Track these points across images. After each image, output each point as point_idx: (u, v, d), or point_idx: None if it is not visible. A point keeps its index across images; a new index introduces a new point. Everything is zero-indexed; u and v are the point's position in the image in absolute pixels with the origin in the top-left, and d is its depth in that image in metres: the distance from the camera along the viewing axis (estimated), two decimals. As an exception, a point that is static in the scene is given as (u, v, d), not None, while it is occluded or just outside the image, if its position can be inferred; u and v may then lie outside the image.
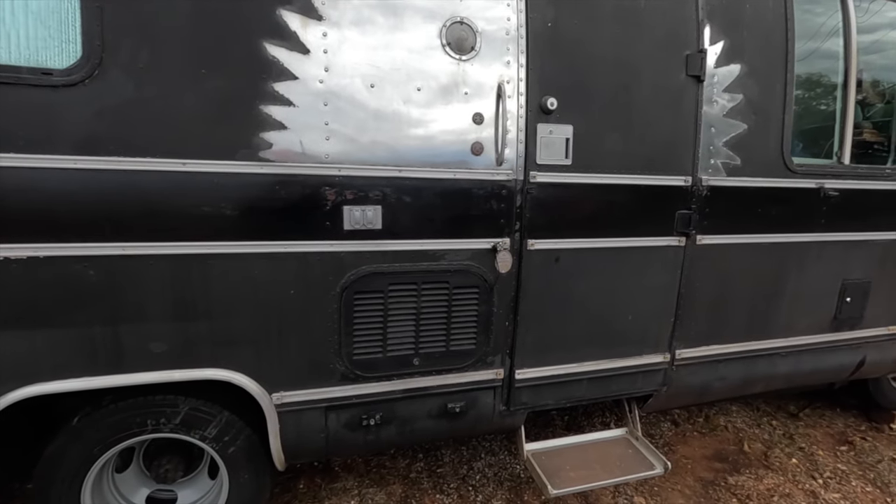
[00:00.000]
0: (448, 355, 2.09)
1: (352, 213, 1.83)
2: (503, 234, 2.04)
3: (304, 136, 1.75)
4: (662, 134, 2.20)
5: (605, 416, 3.47)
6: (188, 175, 1.65)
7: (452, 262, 2.00)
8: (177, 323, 1.74)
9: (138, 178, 1.61)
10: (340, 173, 1.80)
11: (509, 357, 2.19)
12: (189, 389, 1.89)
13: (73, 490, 1.87)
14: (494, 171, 1.98)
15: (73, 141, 1.55)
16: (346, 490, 2.64)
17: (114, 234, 1.62)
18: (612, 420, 3.42)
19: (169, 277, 1.70)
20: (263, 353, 1.86)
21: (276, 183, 1.74)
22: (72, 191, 1.57)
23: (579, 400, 2.39)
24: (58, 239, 1.58)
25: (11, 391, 1.63)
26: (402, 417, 2.10)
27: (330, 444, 2.04)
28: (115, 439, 1.86)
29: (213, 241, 1.71)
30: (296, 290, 1.84)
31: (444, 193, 1.94)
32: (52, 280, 1.60)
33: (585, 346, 2.29)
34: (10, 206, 1.52)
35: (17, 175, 1.51)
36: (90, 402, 1.85)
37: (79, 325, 1.65)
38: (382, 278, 1.93)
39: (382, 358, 2.00)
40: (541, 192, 2.05)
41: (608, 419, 3.44)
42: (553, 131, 2.03)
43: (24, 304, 1.59)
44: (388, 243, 1.90)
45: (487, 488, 2.72)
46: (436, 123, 1.90)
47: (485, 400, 2.21)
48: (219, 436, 1.96)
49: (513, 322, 2.15)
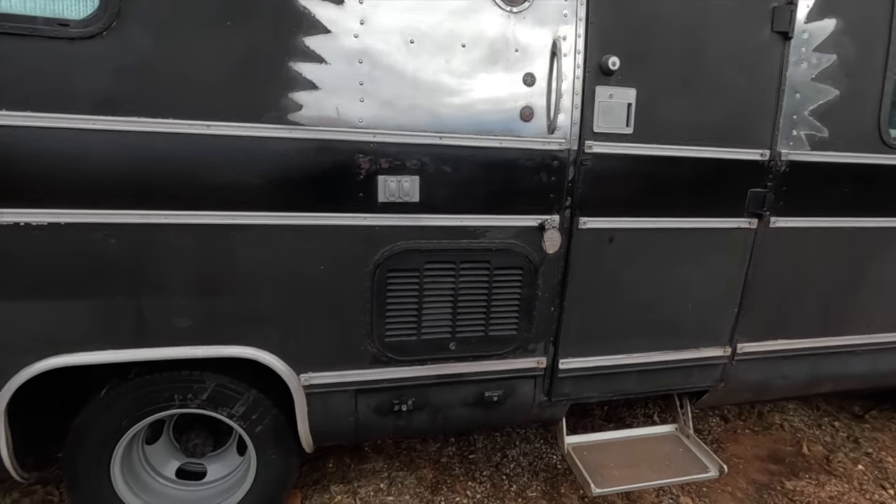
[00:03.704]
0: (487, 341, 1.93)
1: (387, 183, 1.67)
2: (552, 211, 1.84)
3: (337, 98, 1.59)
4: (738, 100, 1.93)
5: (647, 408, 3.26)
6: (212, 138, 1.53)
7: (494, 241, 1.82)
8: (201, 297, 1.65)
9: (160, 141, 1.50)
10: (375, 139, 1.64)
11: (553, 345, 2.02)
12: (216, 366, 1.82)
13: (102, 461, 1.84)
14: (545, 140, 1.77)
15: (91, 99, 1.44)
16: (375, 472, 2.57)
17: (134, 202, 1.52)
18: (655, 412, 3.22)
19: (192, 249, 1.60)
20: (291, 332, 1.75)
21: (305, 149, 1.60)
22: (90, 153, 1.47)
23: (626, 394, 2.21)
24: (78, 205, 1.49)
25: (37, 362, 1.58)
26: (436, 404, 1.98)
27: (359, 428, 1.94)
28: (142, 413, 1.81)
29: (237, 212, 1.60)
30: (326, 267, 1.71)
31: (488, 164, 1.75)
32: (74, 248, 1.52)
33: (636, 335, 2.09)
34: (27, 168, 1.44)
35: (33, 135, 1.42)
36: (117, 375, 1.81)
37: (102, 296, 1.58)
38: (418, 256, 1.77)
39: (416, 341, 1.87)
40: (596, 164, 1.83)
41: (651, 411, 3.24)
42: (613, 95, 1.79)
43: (46, 273, 1.52)
44: (425, 218, 1.74)
45: (522, 478, 2.59)
46: (481, 85, 1.70)
47: (524, 389, 2.06)
48: (246, 414, 1.89)
49: (558, 307, 1.97)
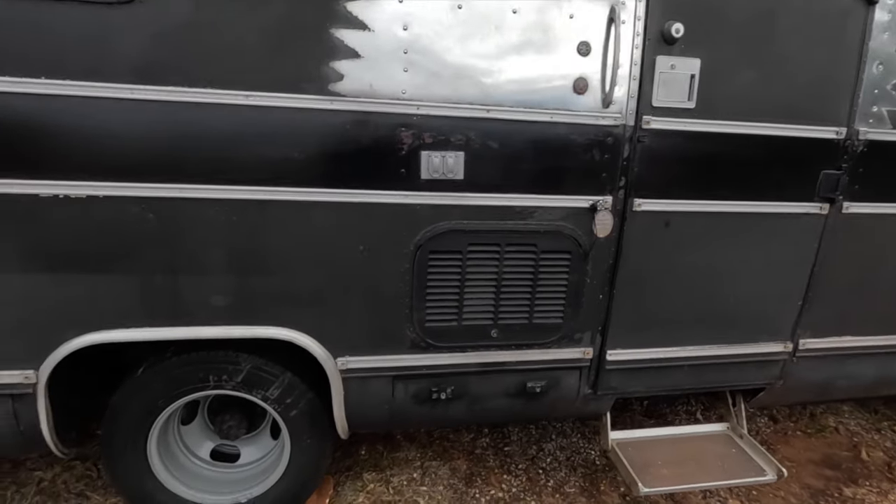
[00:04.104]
0: (531, 329, 1.83)
1: (430, 159, 1.58)
2: (605, 192, 1.72)
3: (380, 68, 1.50)
4: (813, 72, 1.76)
5: (689, 406, 3.10)
6: (251, 109, 1.46)
7: (542, 222, 1.71)
8: (238, 276, 1.60)
9: (199, 112, 1.44)
10: (419, 112, 1.55)
11: (600, 335, 1.90)
12: (252, 347, 1.77)
13: (139, 439, 1.82)
14: (600, 114, 1.65)
15: (130, 68, 1.39)
16: (408, 461, 2.51)
17: (172, 175, 1.47)
18: (698, 410, 3.06)
19: (229, 225, 1.54)
20: (328, 314, 1.69)
21: (346, 122, 1.52)
22: (128, 123, 1.42)
23: (676, 389, 2.07)
24: (115, 177, 1.45)
25: (75, 338, 1.56)
26: (475, 394, 1.89)
27: (395, 415, 1.87)
28: (178, 393, 1.79)
29: (275, 187, 1.53)
30: (365, 246, 1.63)
31: (538, 140, 1.64)
32: (112, 222, 1.48)
33: (690, 327, 1.96)
34: (65, 139, 1.40)
35: (71, 105, 1.38)
36: (154, 354, 1.78)
37: (139, 273, 1.54)
38: (462, 237, 1.68)
39: (457, 327, 1.78)
40: (654, 140, 1.70)
41: (693, 408, 3.08)
42: (675, 66, 1.65)
43: (84, 247, 1.49)
44: (469, 196, 1.64)
45: (559, 473, 2.49)
46: (533, 55, 1.58)
47: (568, 381, 1.95)
48: (281, 397, 1.84)
49: (608, 295, 1.85)
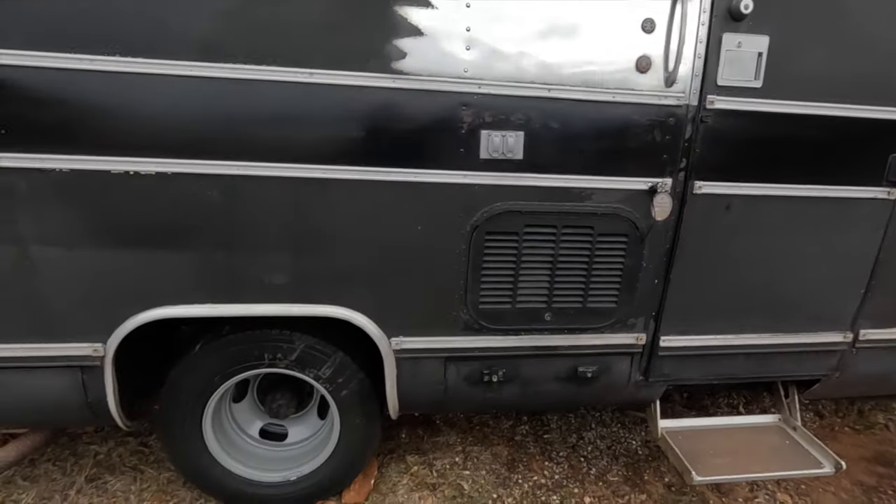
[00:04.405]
0: (584, 313, 1.81)
1: (490, 138, 1.57)
2: (664, 174, 1.68)
3: (443, 45, 1.49)
4: (884, 51, 1.68)
5: (731, 398, 3.04)
6: (315, 88, 1.47)
7: (600, 204, 1.69)
8: (297, 254, 1.61)
9: (263, 90, 1.45)
10: (480, 90, 1.53)
11: (654, 321, 1.87)
12: (305, 327, 1.79)
13: (195, 415, 1.87)
14: (662, 94, 1.61)
15: (196, 45, 1.41)
16: (449, 445, 2.52)
17: (235, 152, 1.49)
18: (740, 403, 3.00)
19: (289, 203, 1.56)
20: (384, 294, 1.70)
21: (408, 100, 1.51)
22: (194, 102, 1.44)
23: (729, 378, 2.03)
24: (182, 155, 1.47)
25: (141, 312, 1.60)
26: (527, 377, 1.88)
27: (447, 397, 1.87)
28: (233, 370, 1.82)
29: (335, 165, 1.54)
30: (422, 227, 1.63)
31: (598, 120, 1.61)
32: (178, 199, 1.51)
33: (747, 315, 1.91)
34: (133, 115, 1.43)
35: (140, 82, 1.40)
36: (211, 331, 1.82)
37: (202, 250, 1.57)
38: (518, 218, 1.67)
39: (511, 310, 1.77)
40: (718, 121, 1.65)
41: (735, 401, 3.02)
42: (742, 43, 1.60)
43: (152, 224, 1.52)
44: (528, 177, 1.63)
45: (601, 461, 2.47)
46: (596, 32, 1.55)
47: (620, 367, 1.92)
48: (333, 377, 1.86)
49: (663, 280, 1.82)
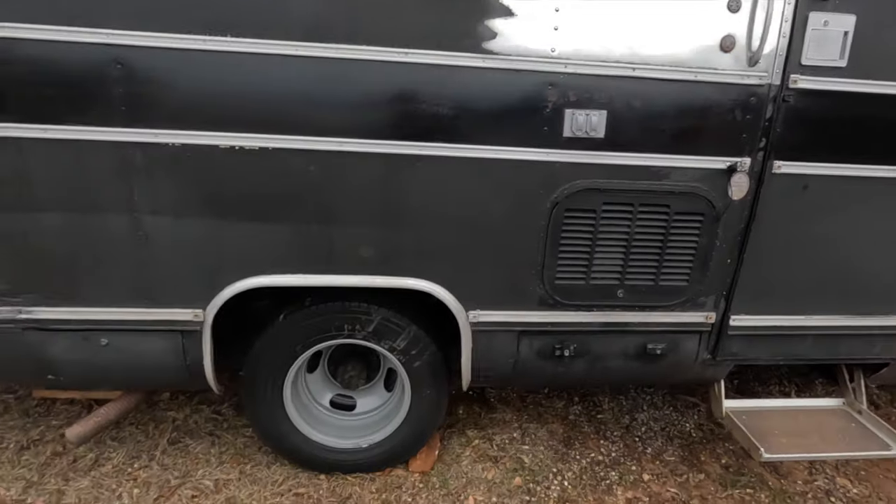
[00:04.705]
0: (656, 291, 1.85)
1: (574, 117, 1.61)
2: (743, 153, 1.70)
3: (532, 26, 1.54)
4: (975, 29, 1.66)
5: (783, 385, 3.04)
6: (408, 67, 1.53)
7: (678, 183, 1.72)
8: (385, 227, 1.69)
9: (359, 69, 1.52)
10: (566, 70, 1.57)
11: (724, 300, 1.90)
12: (382, 300, 1.87)
13: (277, 381, 1.97)
14: (745, 73, 1.63)
15: (302, 26, 1.48)
16: (506, 422, 2.59)
17: (332, 129, 1.56)
18: (792, 389, 3.00)
19: (380, 178, 1.63)
20: (464, 268, 1.76)
21: (496, 80, 1.56)
22: (297, 79, 1.51)
23: (797, 358, 2.04)
24: (283, 131, 1.55)
25: (239, 281, 1.70)
26: (596, 353, 1.93)
27: (518, 370, 1.94)
28: (314, 339, 1.91)
29: (423, 142, 1.60)
30: (504, 203, 1.69)
31: (680, 99, 1.64)
32: (278, 173, 1.59)
33: (818, 296, 1.92)
34: (241, 93, 1.51)
35: (248, 62, 1.48)
36: (292, 303, 1.91)
37: (298, 222, 1.66)
38: (597, 196, 1.71)
39: (585, 286, 1.82)
40: (800, 101, 1.66)
41: (787, 388, 3.02)
42: (829, 22, 1.60)
43: (253, 196, 1.62)
44: (608, 155, 1.66)
45: (656, 442, 2.51)
46: (682, 12, 1.57)
47: (688, 345, 1.96)
48: (406, 348, 1.94)
49: (736, 259, 1.84)
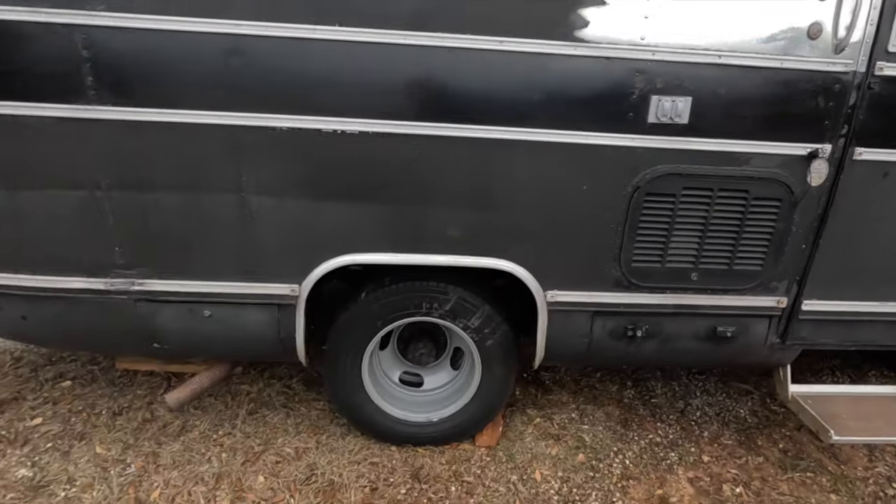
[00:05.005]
0: (729, 274, 1.89)
1: (660, 103, 1.66)
2: (824, 140, 1.73)
3: (623, 14, 1.59)
4: None
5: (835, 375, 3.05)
6: (503, 55, 1.59)
7: (758, 169, 1.75)
8: (472, 209, 1.77)
9: (457, 56, 1.59)
10: (654, 58, 1.62)
11: (797, 285, 1.93)
12: (458, 280, 1.95)
13: (357, 356, 2.08)
14: (830, 61, 1.65)
15: (403, 16, 1.56)
16: (563, 403, 2.66)
17: (428, 114, 1.64)
18: (845, 380, 3.01)
19: (469, 162, 1.71)
20: (544, 250, 1.84)
21: (586, 67, 1.62)
22: (398, 67, 1.59)
23: (866, 344, 2.07)
24: (380, 116, 1.63)
25: (333, 258, 1.80)
26: (668, 334, 1.99)
27: (590, 350, 2.01)
28: (393, 316, 2.01)
29: (515, 127, 1.67)
30: (587, 186, 1.75)
31: (764, 86, 1.67)
32: (376, 156, 1.68)
33: (891, 283, 1.94)
34: (344, 80, 1.59)
35: (352, 50, 1.56)
36: (373, 281, 2.01)
37: (392, 203, 1.74)
38: (677, 180, 1.76)
39: (660, 268, 1.88)
40: (885, 88, 1.68)
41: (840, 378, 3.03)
42: (918, 10, 1.62)
43: (351, 178, 1.71)
44: (690, 141, 1.71)
45: (711, 426, 2.56)
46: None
47: (758, 329, 2.00)
48: (480, 327, 2.03)
49: (811, 245, 1.87)
